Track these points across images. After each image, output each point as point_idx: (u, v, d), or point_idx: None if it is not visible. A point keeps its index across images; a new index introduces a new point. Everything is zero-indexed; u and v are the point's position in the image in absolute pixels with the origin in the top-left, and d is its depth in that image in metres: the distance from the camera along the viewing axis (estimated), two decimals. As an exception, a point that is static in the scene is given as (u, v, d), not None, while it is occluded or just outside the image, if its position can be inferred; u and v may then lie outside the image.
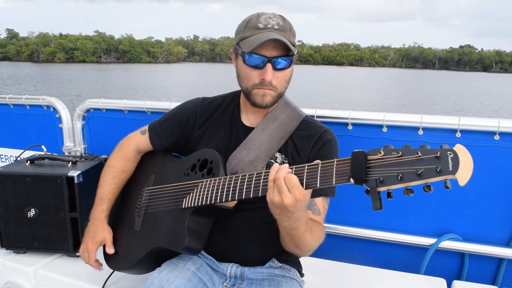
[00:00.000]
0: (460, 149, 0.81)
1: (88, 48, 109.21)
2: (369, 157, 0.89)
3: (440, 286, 1.73)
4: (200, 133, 1.50)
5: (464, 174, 0.79)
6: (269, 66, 1.28)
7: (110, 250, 1.51)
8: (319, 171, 0.99)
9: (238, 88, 1.46)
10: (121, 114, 2.41)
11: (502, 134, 1.71)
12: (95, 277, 1.70)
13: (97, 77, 46.78)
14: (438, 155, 0.81)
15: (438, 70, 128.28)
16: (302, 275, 1.53)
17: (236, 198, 1.17)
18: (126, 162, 1.61)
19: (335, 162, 0.97)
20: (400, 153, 0.85)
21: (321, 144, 1.39)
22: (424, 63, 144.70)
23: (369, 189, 0.88)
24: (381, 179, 0.86)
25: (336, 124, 1.91)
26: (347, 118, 1.88)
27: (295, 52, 1.33)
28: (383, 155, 0.87)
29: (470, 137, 1.76)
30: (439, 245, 1.85)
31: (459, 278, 1.91)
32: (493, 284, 1.87)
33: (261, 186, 1.11)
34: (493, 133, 1.72)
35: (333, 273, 1.83)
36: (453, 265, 1.92)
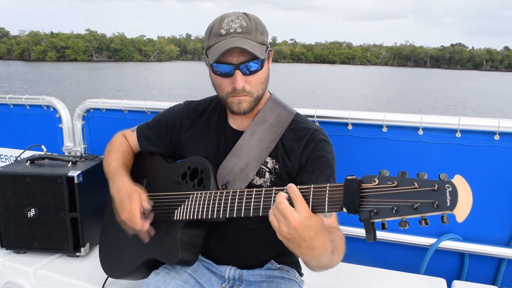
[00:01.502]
0: (459, 182, 0.77)
1: (80, 46, 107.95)
2: (363, 186, 0.86)
3: (440, 286, 1.73)
4: (187, 137, 1.46)
5: (462, 209, 0.75)
6: (238, 73, 1.21)
7: (147, 205, 1.31)
8: (311, 195, 0.96)
9: None
10: (121, 114, 2.41)
11: (502, 134, 1.71)
12: (95, 277, 1.70)
13: (87, 75, 46.22)
14: (435, 188, 0.77)
15: (429, 68, 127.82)
16: (301, 275, 1.52)
17: (228, 216, 1.15)
18: (127, 147, 1.59)
19: (327, 188, 0.94)
20: (396, 182, 0.82)
21: (313, 145, 1.32)
22: (415, 61, 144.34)
23: (362, 219, 0.85)
24: (375, 210, 0.83)
25: (336, 124, 1.91)
26: (347, 118, 1.88)
27: (267, 52, 1.26)
28: (377, 184, 0.84)
29: (470, 137, 1.75)
30: (439, 245, 1.85)
31: (459, 278, 1.91)
32: (493, 284, 1.87)
33: (252, 205, 1.08)
34: (493, 133, 1.72)
35: (333, 273, 1.81)
36: (453, 265, 1.92)
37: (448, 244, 1.84)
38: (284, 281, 1.39)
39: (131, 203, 1.30)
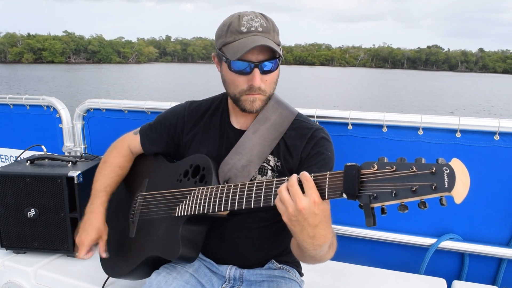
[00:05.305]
0: (457, 164, 0.77)
1: (57, 48, 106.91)
2: (362, 171, 0.86)
3: (440, 286, 1.73)
4: (189, 138, 1.46)
5: (460, 191, 0.76)
6: (256, 71, 1.22)
7: (103, 254, 1.47)
8: None
9: (220, 89, 1.43)
10: (121, 114, 2.41)
11: (502, 134, 1.71)
12: (95, 277, 1.70)
13: (66, 77, 45.48)
14: (433, 170, 0.77)
15: (406, 70, 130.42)
16: (301, 274, 1.52)
17: (229, 209, 1.15)
18: (122, 159, 1.58)
19: (327, 175, 0.94)
20: (395, 167, 0.82)
21: (314, 142, 1.33)
22: (393, 63, 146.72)
23: (362, 204, 0.86)
24: (375, 195, 0.83)
25: (336, 124, 1.91)
26: (347, 118, 1.88)
27: (281, 52, 1.28)
28: (376, 169, 0.84)
29: (470, 137, 1.75)
30: (439, 245, 1.85)
31: (459, 278, 1.91)
32: (493, 284, 1.87)
33: (253, 197, 1.09)
34: (493, 133, 1.72)
35: (333, 273, 1.83)
36: (453, 265, 1.92)
37: (448, 244, 1.84)
38: (284, 281, 1.39)
39: (87, 236, 1.45)
